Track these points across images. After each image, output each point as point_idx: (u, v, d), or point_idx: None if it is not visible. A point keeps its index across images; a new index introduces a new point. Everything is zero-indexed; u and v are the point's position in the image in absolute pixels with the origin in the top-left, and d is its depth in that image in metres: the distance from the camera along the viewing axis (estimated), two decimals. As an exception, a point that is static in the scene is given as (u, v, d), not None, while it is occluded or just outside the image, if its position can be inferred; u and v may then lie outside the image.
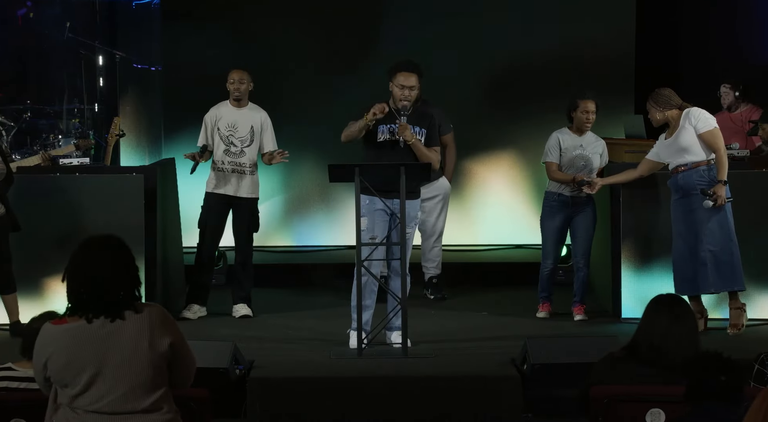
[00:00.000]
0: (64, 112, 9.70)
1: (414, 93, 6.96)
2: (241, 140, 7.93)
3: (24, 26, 10.47)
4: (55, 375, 3.75)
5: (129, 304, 3.77)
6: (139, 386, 3.72)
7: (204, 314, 8.01)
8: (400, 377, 6.28)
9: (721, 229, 7.24)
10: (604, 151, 7.97)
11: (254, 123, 7.97)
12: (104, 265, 3.77)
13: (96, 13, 10.67)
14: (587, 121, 7.85)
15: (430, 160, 6.93)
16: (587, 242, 7.93)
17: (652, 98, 7.44)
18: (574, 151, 7.85)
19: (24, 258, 7.43)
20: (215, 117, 7.97)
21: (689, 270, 7.31)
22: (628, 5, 10.71)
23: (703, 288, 7.33)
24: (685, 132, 7.27)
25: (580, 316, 7.87)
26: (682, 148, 7.27)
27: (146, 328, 3.73)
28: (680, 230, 7.34)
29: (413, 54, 7.98)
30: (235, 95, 7.96)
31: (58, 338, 3.75)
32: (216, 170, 7.94)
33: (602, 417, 4.53)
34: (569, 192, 7.84)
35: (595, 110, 7.85)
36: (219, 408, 5.29)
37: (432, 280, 8.69)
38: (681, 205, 7.34)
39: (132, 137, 10.56)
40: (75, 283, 3.79)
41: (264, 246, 10.35)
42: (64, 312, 3.81)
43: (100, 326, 3.72)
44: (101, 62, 10.16)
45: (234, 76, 7.96)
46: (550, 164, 7.89)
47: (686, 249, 7.30)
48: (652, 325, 4.63)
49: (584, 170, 7.84)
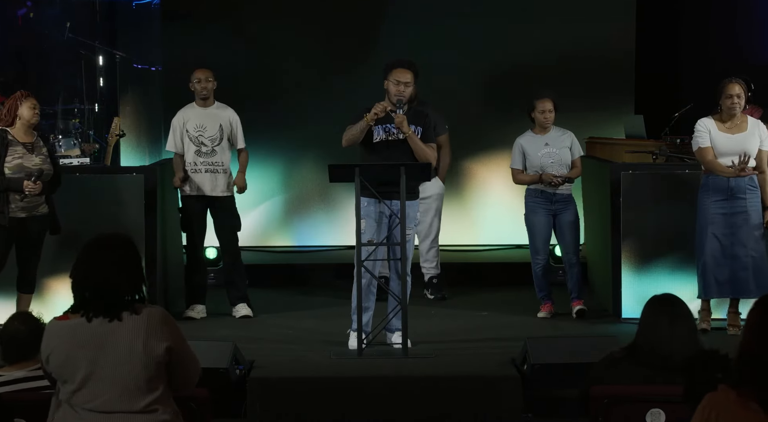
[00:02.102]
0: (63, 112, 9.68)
1: (409, 89, 6.97)
2: (211, 139, 7.93)
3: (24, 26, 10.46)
4: (55, 370, 3.79)
5: (129, 305, 3.77)
6: (134, 387, 3.72)
7: (205, 315, 8.02)
8: (400, 377, 6.28)
9: (761, 235, 7.24)
10: (573, 142, 8.00)
11: (222, 121, 7.96)
12: (108, 265, 3.78)
13: (96, 13, 10.66)
14: (546, 120, 7.92)
15: (427, 155, 6.94)
16: (575, 237, 7.97)
17: (745, 87, 7.25)
18: (539, 151, 7.91)
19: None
20: (182, 119, 7.96)
21: (724, 273, 7.24)
22: (628, 5, 10.73)
23: (743, 292, 7.26)
24: (753, 139, 7.23)
25: (579, 306, 7.89)
26: (745, 151, 7.19)
27: (142, 330, 3.73)
28: (718, 232, 7.23)
29: (413, 54, 7.98)
30: (202, 94, 7.95)
31: (59, 334, 3.78)
32: (190, 172, 7.92)
33: (602, 417, 4.53)
34: (551, 189, 7.87)
35: (552, 108, 7.91)
36: (219, 408, 5.29)
37: (432, 280, 8.70)
38: (723, 207, 7.22)
39: (132, 137, 10.57)
40: (79, 280, 3.81)
41: (264, 246, 10.37)
42: (69, 309, 3.82)
43: (98, 325, 3.74)
44: (101, 62, 10.15)
45: (199, 76, 7.95)
46: (513, 171, 8.04)
47: (721, 251, 7.23)
48: (653, 327, 4.61)
49: (555, 167, 7.86)
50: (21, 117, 7.07)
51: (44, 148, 7.16)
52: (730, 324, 7.37)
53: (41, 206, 7.11)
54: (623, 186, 7.83)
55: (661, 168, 8.22)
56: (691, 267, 7.55)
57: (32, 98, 7.15)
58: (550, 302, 8.00)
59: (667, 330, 4.56)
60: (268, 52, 10.64)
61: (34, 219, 7.09)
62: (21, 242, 7.11)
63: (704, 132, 7.25)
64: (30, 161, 7.03)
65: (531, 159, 7.94)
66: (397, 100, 6.93)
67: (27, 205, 7.03)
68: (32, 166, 7.03)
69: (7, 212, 6.97)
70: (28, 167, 7.01)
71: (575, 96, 10.02)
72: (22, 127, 7.08)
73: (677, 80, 11.20)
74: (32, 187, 6.95)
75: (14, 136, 7.05)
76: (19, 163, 7.00)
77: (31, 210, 7.06)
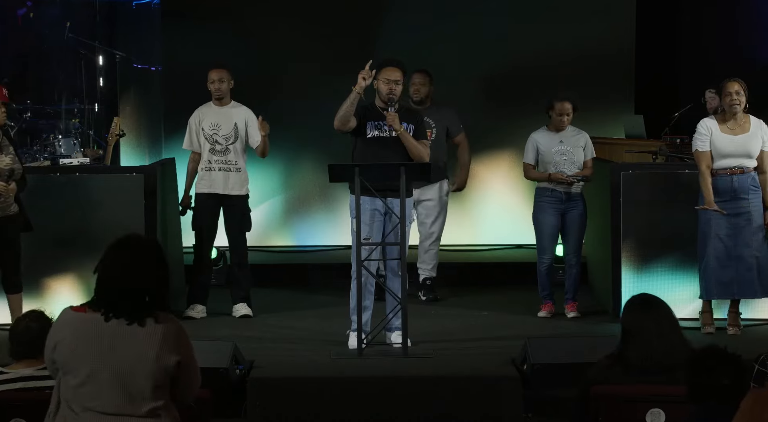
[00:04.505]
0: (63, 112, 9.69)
1: (399, 87, 6.99)
2: (225, 138, 7.95)
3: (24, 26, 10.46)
4: (61, 359, 3.74)
5: (151, 311, 3.74)
6: (138, 393, 3.70)
7: (205, 314, 8.02)
8: (400, 377, 6.28)
9: (765, 236, 7.24)
10: (587, 143, 8.00)
11: (237, 120, 7.98)
12: (135, 267, 3.73)
13: (96, 13, 10.66)
14: (561, 123, 7.93)
15: (420, 152, 6.94)
16: (579, 239, 7.98)
17: (744, 86, 7.19)
18: (553, 148, 7.91)
19: (24, 258, 7.42)
20: (199, 118, 8.00)
21: (727, 274, 7.21)
22: (628, 5, 10.72)
23: (747, 292, 7.25)
24: (755, 139, 7.20)
25: (573, 313, 7.91)
26: (748, 152, 7.20)
27: (158, 340, 3.70)
28: (721, 233, 7.19)
29: (413, 54, 8.01)
30: (217, 95, 7.97)
31: (73, 324, 3.74)
32: (204, 170, 7.95)
33: (602, 417, 4.53)
34: (562, 188, 7.87)
35: (571, 111, 7.90)
36: (219, 408, 5.29)
37: (426, 282, 8.68)
38: (725, 208, 7.16)
39: (132, 137, 10.56)
40: (103, 278, 3.76)
41: (264, 246, 10.36)
42: (88, 301, 3.78)
43: (115, 325, 3.70)
44: (101, 62, 10.15)
45: (213, 76, 7.96)
46: (525, 165, 8.04)
47: (725, 252, 7.21)
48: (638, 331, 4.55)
49: (567, 165, 7.86)
50: None
51: (11, 147, 7.08)
52: (730, 324, 7.37)
53: (11, 206, 7.04)
54: (623, 186, 7.82)
55: (661, 168, 8.22)
56: (691, 267, 7.55)
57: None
58: (551, 302, 8.00)
59: (654, 333, 4.53)
60: (268, 52, 10.63)
61: (7, 220, 7.02)
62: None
63: (705, 134, 7.22)
64: (1, 162, 6.97)
65: (544, 155, 7.93)
66: (389, 98, 6.94)
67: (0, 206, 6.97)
68: (3, 166, 6.94)
69: None
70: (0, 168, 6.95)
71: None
72: None
73: (677, 80, 11.21)
74: (6, 189, 6.90)
75: None
76: None
77: (4, 210, 6.99)
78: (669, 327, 4.59)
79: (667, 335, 4.54)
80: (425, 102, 8.57)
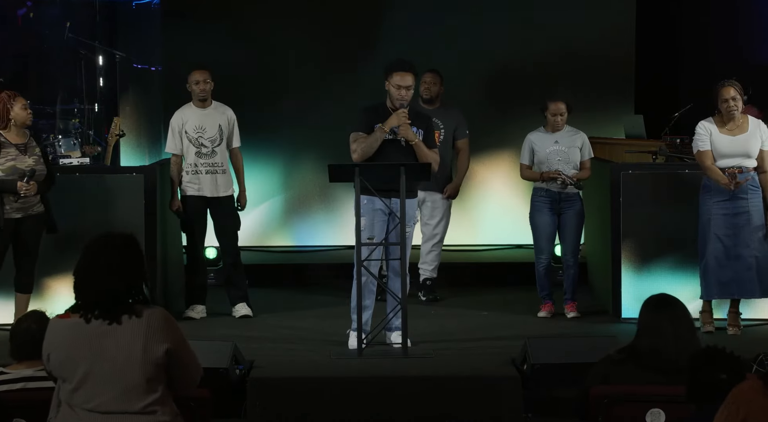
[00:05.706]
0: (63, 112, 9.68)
1: (410, 92, 6.97)
2: (211, 140, 7.93)
3: (24, 26, 10.45)
4: (55, 368, 3.79)
5: (129, 307, 3.76)
6: (132, 388, 3.72)
7: (204, 314, 8.02)
8: (400, 377, 6.28)
9: (764, 236, 7.24)
10: (584, 143, 8.00)
11: (221, 122, 7.96)
12: (107, 268, 3.76)
13: (96, 13, 10.65)
14: (556, 123, 7.93)
15: (431, 162, 6.92)
16: (576, 239, 7.98)
17: (740, 88, 7.20)
18: (547, 148, 7.91)
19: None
20: (181, 121, 7.95)
21: (727, 273, 7.22)
22: (628, 5, 10.73)
23: (747, 292, 7.26)
24: (754, 139, 7.21)
25: (573, 313, 7.91)
26: (747, 152, 7.21)
27: (142, 333, 3.72)
28: (720, 233, 7.21)
29: (413, 54, 7.98)
30: (201, 96, 7.94)
31: (60, 332, 3.79)
32: (190, 173, 7.92)
33: (602, 417, 4.53)
34: (556, 188, 7.87)
35: (564, 111, 7.91)
36: (219, 408, 5.29)
37: (426, 282, 8.68)
38: (724, 207, 7.20)
39: (132, 137, 10.56)
40: (78, 283, 3.80)
41: (264, 246, 10.37)
42: (70, 307, 3.81)
43: (97, 326, 3.73)
44: (101, 62, 10.14)
45: (198, 77, 7.92)
46: (521, 165, 8.08)
47: (724, 252, 7.21)
48: (655, 331, 4.57)
49: (562, 165, 7.86)
50: (15, 119, 7.05)
51: (37, 148, 7.16)
52: (730, 324, 7.38)
53: (36, 205, 7.11)
54: (623, 186, 7.83)
55: (661, 168, 8.21)
56: (690, 267, 7.56)
57: (21, 98, 7.13)
58: (550, 302, 8.00)
59: (670, 333, 4.54)
60: (268, 52, 10.63)
61: (29, 219, 7.08)
62: (17, 242, 7.10)
63: (704, 135, 7.23)
64: (23, 162, 7.03)
65: (539, 155, 7.95)
66: (399, 105, 6.93)
67: (22, 205, 7.03)
68: (25, 167, 7.02)
69: (2, 214, 6.95)
70: (21, 168, 7.00)
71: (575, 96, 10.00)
72: (16, 128, 7.07)
73: (677, 80, 11.21)
74: (26, 188, 6.95)
75: (6, 138, 7.04)
76: (12, 164, 7.00)
77: (27, 210, 7.06)
78: (685, 328, 4.59)
79: (683, 336, 4.55)
80: (435, 101, 8.57)
